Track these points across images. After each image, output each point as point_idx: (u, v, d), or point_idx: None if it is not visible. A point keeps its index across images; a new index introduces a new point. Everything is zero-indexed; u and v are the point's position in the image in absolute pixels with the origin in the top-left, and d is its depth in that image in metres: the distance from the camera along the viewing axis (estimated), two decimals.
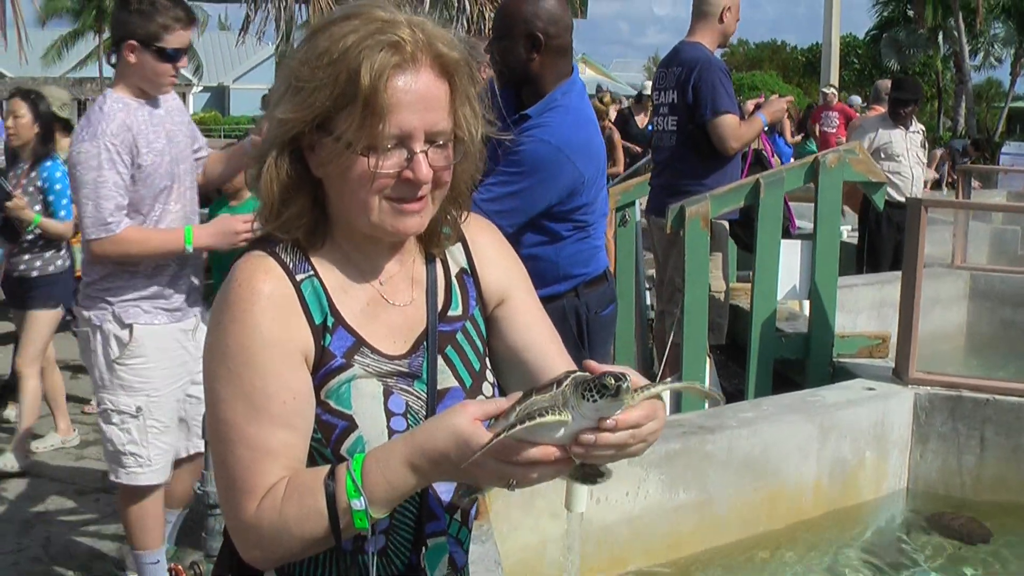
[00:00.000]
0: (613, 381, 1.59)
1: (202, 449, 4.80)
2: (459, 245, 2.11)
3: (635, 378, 1.69)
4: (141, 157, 4.36)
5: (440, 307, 2.04)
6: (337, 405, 1.89)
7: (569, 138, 4.04)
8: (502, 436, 1.63)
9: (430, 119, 1.83)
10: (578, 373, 1.67)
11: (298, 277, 1.90)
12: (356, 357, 1.91)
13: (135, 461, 4.54)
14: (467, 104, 1.91)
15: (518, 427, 1.62)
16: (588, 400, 1.60)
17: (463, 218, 2.08)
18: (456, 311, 2.06)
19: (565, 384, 1.64)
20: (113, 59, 4.51)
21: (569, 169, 4.00)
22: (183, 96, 67.86)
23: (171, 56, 4.41)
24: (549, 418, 1.62)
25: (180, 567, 4.74)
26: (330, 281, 1.94)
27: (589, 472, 1.74)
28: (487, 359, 2.10)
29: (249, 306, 1.85)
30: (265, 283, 1.87)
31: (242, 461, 1.82)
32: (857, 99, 20.36)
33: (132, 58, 4.39)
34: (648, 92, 16.64)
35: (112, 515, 5.88)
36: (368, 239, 1.94)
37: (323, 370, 1.89)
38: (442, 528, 2.02)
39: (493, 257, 2.15)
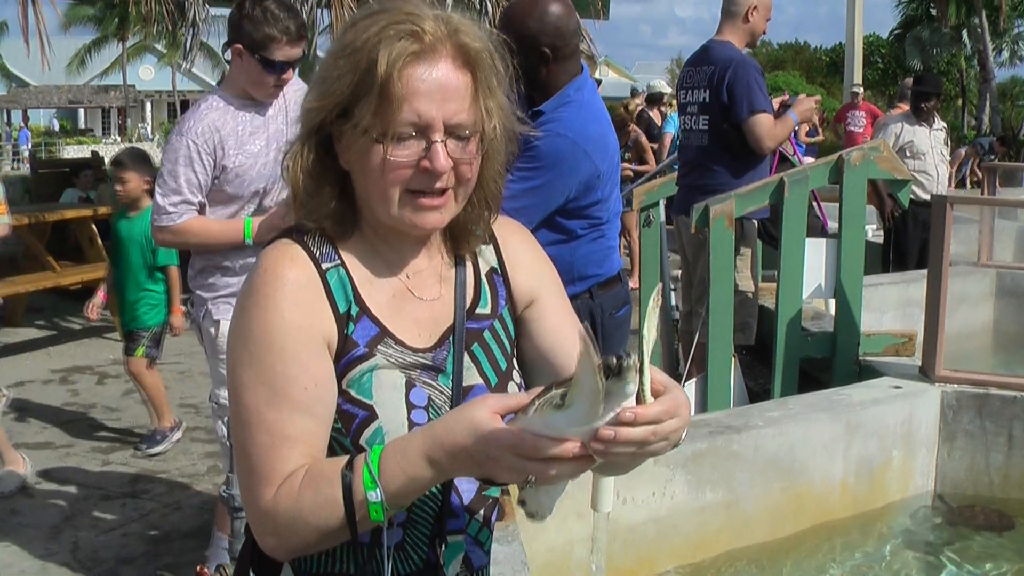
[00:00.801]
0: (614, 360, 1.53)
1: None
2: (490, 245, 2.11)
3: (657, 376, 1.64)
4: (228, 159, 4.44)
5: (468, 304, 2.03)
6: (358, 395, 1.88)
7: (585, 132, 4.04)
8: (522, 426, 1.61)
9: (449, 109, 1.83)
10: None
11: (324, 266, 1.91)
12: (379, 347, 1.91)
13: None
14: (492, 97, 1.90)
15: (532, 414, 1.60)
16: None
17: (494, 218, 2.08)
18: (485, 309, 2.06)
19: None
20: (228, 55, 4.56)
21: (586, 163, 4.00)
22: None
23: (275, 67, 4.43)
24: (562, 408, 1.58)
25: (206, 569, 4.75)
26: (356, 271, 1.94)
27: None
28: (515, 360, 2.09)
29: (273, 291, 1.86)
30: (290, 270, 1.88)
31: (261, 447, 1.82)
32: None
33: (238, 61, 4.43)
34: (659, 91, 16.74)
35: (138, 519, 5.91)
36: (394, 232, 1.94)
37: (345, 359, 1.89)
38: (461, 527, 2.01)
39: (524, 258, 2.15)
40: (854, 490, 5.75)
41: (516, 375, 2.08)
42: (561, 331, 2.11)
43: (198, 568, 4.74)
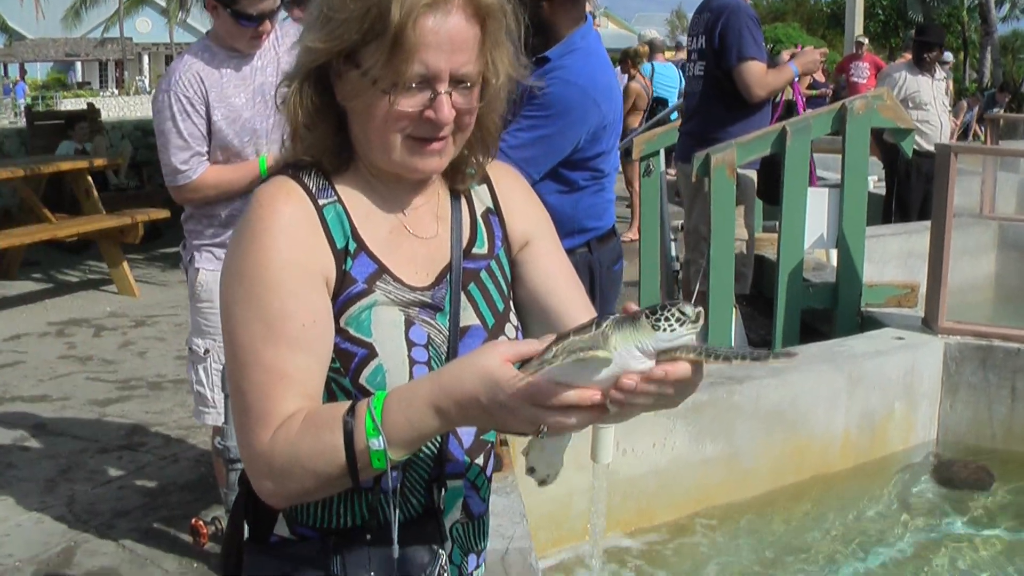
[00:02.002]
0: (692, 309, 1.50)
1: None
2: (484, 186, 2.07)
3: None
4: (213, 111, 4.34)
5: (465, 243, 1.99)
6: (357, 332, 1.83)
7: (594, 80, 3.98)
8: (540, 373, 1.54)
9: (457, 61, 1.78)
10: (618, 315, 1.57)
11: (321, 201, 1.86)
12: (378, 283, 1.86)
13: (201, 401, 4.63)
14: (499, 47, 1.86)
15: (559, 361, 1.53)
16: (666, 330, 1.51)
17: (489, 160, 2.04)
18: (481, 249, 2.01)
19: (606, 324, 1.55)
20: None
21: (595, 112, 3.93)
22: None
23: (250, 19, 4.32)
24: (596, 353, 1.52)
25: (201, 522, 4.71)
26: (353, 207, 1.89)
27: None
28: (511, 302, 2.05)
29: (268, 226, 1.80)
30: (286, 204, 1.83)
31: (257, 386, 1.76)
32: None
33: (214, 15, 4.34)
34: (657, 40, 16.79)
35: (135, 472, 5.87)
36: (390, 172, 1.90)
37: (344, 295, 1.83)
38: (460, 471, 1.97)
39: (518, 200, 2.11)
40: (855, 442, 5.73)
41: (513, 317, 2.03)
42: (556, 274, 2.07)
43: (193, 521, 4.70)
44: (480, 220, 2.04)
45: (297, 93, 1.87)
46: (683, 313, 1.50)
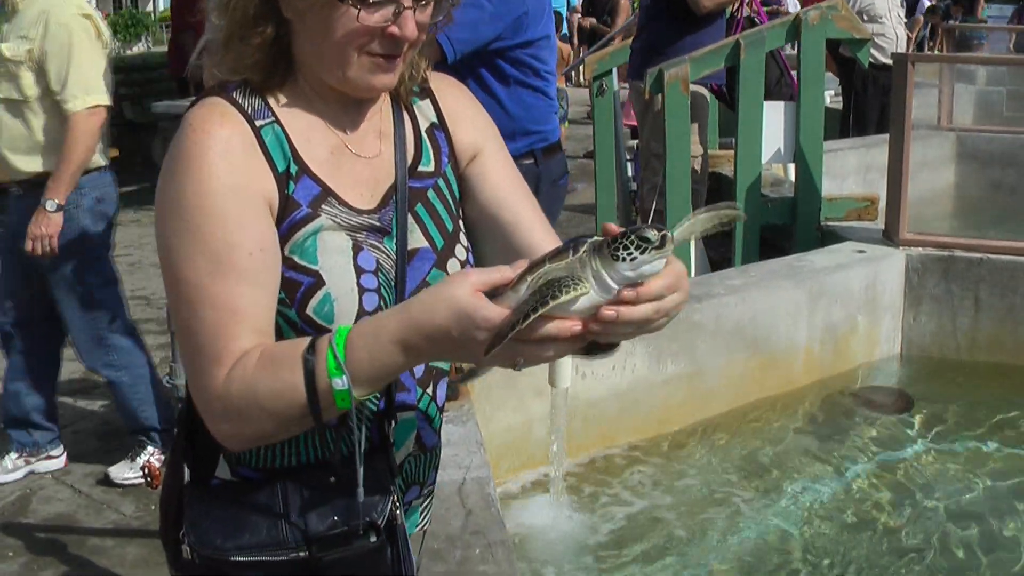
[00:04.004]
0: (656, 232, 1.41)
1: None
2: (427, 100, 1.97)
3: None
4: None
5: (410, 162, 1.89)
6: (302, 260, 1.73)
7: None
8: (524, 322, 1.44)
9: None
10: (594, 238, 1.48)
11: (258, 123, 1.75)
12: (323, 207, 1.76)
13: None
14: None
15: (524, 292, 1.46)
16: (625, 259, 1.42)
17: (428, 68, 1.94)
18: (427, 167, 1.91)
19: (583, 250, 1.46)
20: None
21: None
22: None
23: None
24: (572, 294, 1.43)
25: (152, 463, 4.63)
26: (292, 127, 1.78)
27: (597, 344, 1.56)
28: (460, 221, 1.95)
29: (204, 150, 1.68)
30: (221, 127, 1.71)
31: (207, 324, 1.66)
32: None
33: None
34: None
35: (88, 415, 5.78)
36: (335, 89, 1.80)
37: (287, 221, 1.73)
38: (412, 402, 1.88)
39: (464, 111, 2.00)
40: (819, 357, 5.71)
41: (463, 238, 1.94)
42: (505, 185, 1.98)
43: (145, 461, 4.64)
44: (425, 136, 1.94)
45: None
46: (643, 239, 1.41)
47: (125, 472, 4.99)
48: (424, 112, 1.96)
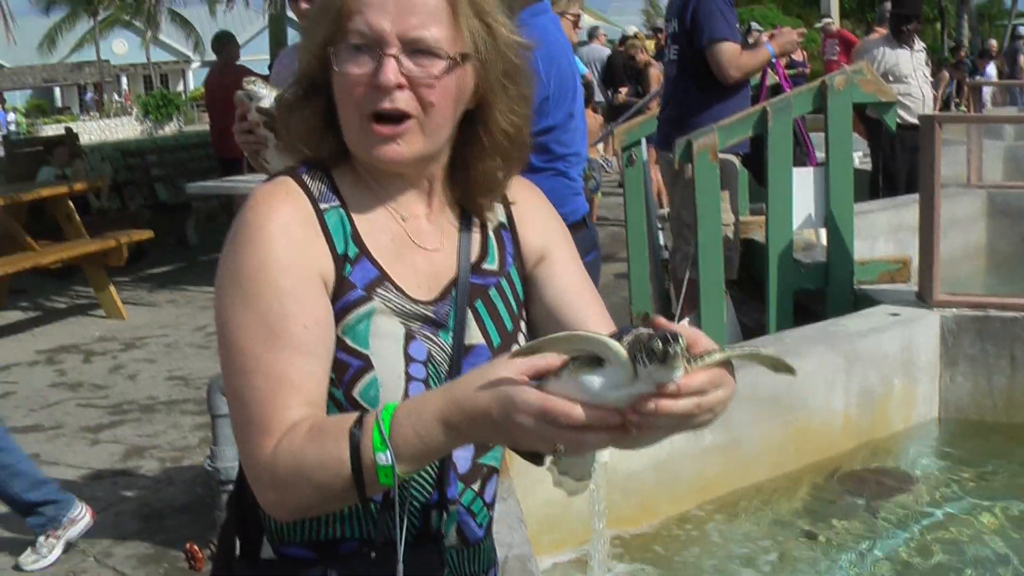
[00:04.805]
0: (660, 344, 1.38)
1: None
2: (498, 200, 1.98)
3: (703, 342, 1.50)
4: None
5: (474, 259, 1.90)
6: (353, 342, 1.75)
7: (536, 50, 3.96)
8: (553, 389, 1.45)
9: (407, 23, 1.70)
10: (641, 329, 1.45)
11: (322, 206, 1.79)
12: (378, 291, 1.78)
13: None
14: (482, 16, 1.77)
15: (565, 378, 1.45)
16: (640, 364, 1.40)
17: (509, 176, 1.94)
18: (491, 265, 1.92)
19: (626, 339, 1.44)
20: None
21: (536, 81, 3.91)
22: (182, 73, 67.84)
23: None
24: (599, 347, 1.43)
25: (196, 545, 4.65)
26: (356, 211, 1.82)
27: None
28: (522, 322, 1.96)
29: (265, 225, 1.73)
30: (284, 203, 1.76)
31: (259, 393, 1.68)
32: None
33: None
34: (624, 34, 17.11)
35: (130, 497, 5.81)
36: (375, 167, 1.83)
37: (341, 302, 1.75)
38: (454, 496, 1.89)
39: (535, 215, 2.02)
40: (856, 422, 5.68)
41: (522, 339, 1.94)
42: (571, 289, 1.98)
43: (188, 545, 4.65)
44: (492, 235, 1.95)
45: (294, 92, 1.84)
46: (651, 350, 1.39)
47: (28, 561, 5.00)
48: (493, 212, 1.96)
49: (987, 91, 18.66)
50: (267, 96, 3.67)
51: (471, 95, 1.81)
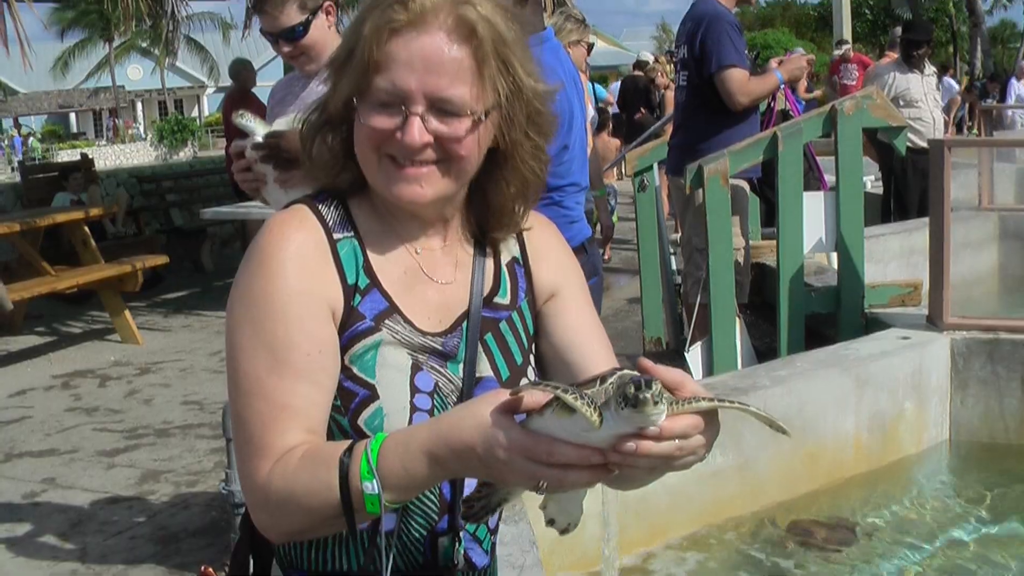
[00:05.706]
0: (632, 390, 1.40)
1: None
2: (512, 235, 2.01)
3: (690, 387, 1.52)
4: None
5: (487, 292, 1.93)
6: (360, 372, 1.79)
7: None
8: (535, 426, 1.48)
9: (433, 83, 1.72)
10: (626, 371, 1.49)
11: (336, 236, 1.83)
12: (387, 322, 1.81)
13: None
14: (507, 75, 1.79)
15: (548, 416, 1.47)
16: (619, 407, 1.42)
17: (526, 211, 1.97)
18: (503, 299, 1.95)
19: (610, 381, 1.48)
20: None
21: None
22: (197, 98, 68.08)
23: (269, 37, 4.21)
24: (586, 413, 1.43)
25: (211, 568, 4.67)
26: (370, 243, 1.85)
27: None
28: (531, 356, 1.99)
29: (277, 251, 1.77)
30: (298, 231, 1.80)
31: (260, 415, 1.73)
32: None
33: None
34: (641, 59, 17.26)
35: (146, 521, 5.84)
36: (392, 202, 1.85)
37: (349, 332, 1.79)
38: (460, 524, 1.91)
39: (549, 251, 2.05)
40: (867, 445, 5.68)
41: (531, 372, 1.97)
42: (581, 328, 2.01)
43: (203, 568, 4.66)
44: (505, 269, 1.98)
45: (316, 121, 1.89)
46: (625, 396, 1.41)
47: None
48: (507, 246, 1.99)
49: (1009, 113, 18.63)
50: (259, 131, 3.72)
51: (494, 138, 1.84)
